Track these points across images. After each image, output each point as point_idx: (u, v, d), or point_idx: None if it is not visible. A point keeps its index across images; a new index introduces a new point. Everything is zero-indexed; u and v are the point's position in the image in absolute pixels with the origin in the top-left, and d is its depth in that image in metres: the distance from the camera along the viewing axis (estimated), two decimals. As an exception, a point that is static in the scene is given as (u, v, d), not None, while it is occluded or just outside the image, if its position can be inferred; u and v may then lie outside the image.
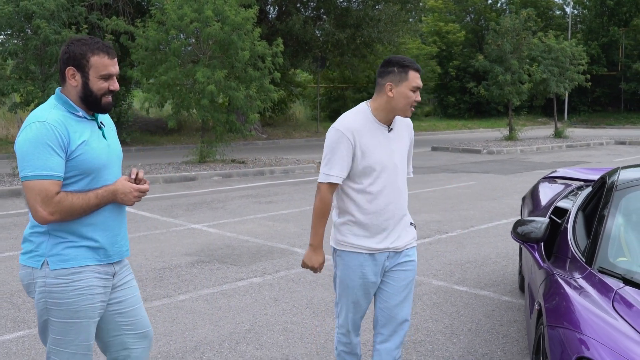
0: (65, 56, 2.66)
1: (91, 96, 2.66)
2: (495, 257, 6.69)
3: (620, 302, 2.77)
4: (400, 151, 3.21)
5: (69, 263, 2.63)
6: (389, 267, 3.23)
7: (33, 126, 2.56)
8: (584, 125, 33.25)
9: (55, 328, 2.66)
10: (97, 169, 2.66)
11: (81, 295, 2.64)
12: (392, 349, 3.26)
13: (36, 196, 2.53)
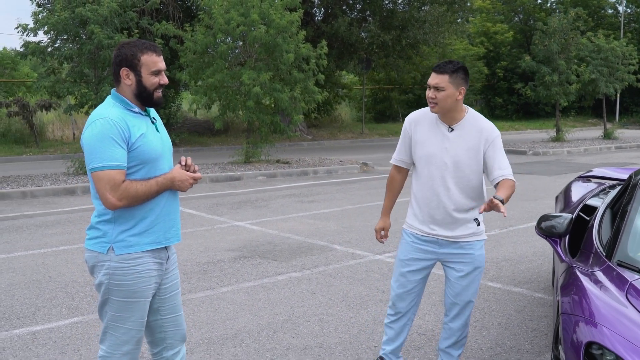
0: (117, 59, 2.93)
1: (145, 92, 2.93)
2: (531, 255, 6.77)
3: (633, 293, 2.88)
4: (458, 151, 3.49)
5: (131, 249, 2.89)
6: (446, 255, 3.60)
7: (97, 123, 2.83)
8: (636, 127, 32.51)
9: (115, 306, 2.93)
10: (154, 159, 2.92)
11: (140, 277, 2.92)
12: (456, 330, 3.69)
13: (105, 185, 2.79)
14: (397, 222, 8.96)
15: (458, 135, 3.50)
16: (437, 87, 3.42)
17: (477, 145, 3.49)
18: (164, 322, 3.12)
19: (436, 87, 3.42)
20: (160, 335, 3.13)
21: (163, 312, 3.10)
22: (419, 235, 3.64)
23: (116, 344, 2.97)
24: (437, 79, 3.41)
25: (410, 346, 4.39)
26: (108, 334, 2.99)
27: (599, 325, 2.68)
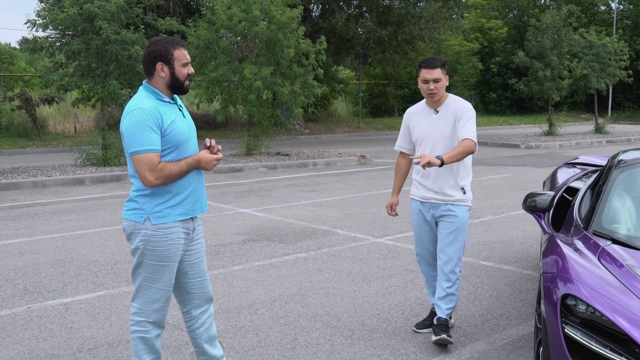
0: (152, 55, 3.30)
1: (177, 82, 3.33)
2: (521, 238, 7.24)
3: (605, 255, 3.35)
4: (441, 127, 4.21)
5: (165, 219, 3.30)
6: (439, 216, 4.30)
7: (135, 112, 3.21)
8: (628, 122, 33.05)
9: (148, 268, 3.35)
10: (183, 142, 3.32)
11: (171, 244, 3.33)
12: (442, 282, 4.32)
13: (144, 166, 3.18)
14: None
15: (442, 115, 4.25)
16: (436, 80, 4.15)
17: (455, 120, 4.21)
18: (192, 284, 3.54)
19: (434, 80, 4.15)
20: (188, 296, 3.56)
21: (191, 275, 3.52)
22: (420, 201, 4.40)
23: (148, 302, 3.39)
24: (435, 73, 4.16)
25: (410, 314, 4.84)
26: (140, 292, 3.40)
27: (575, 280, 3.14)
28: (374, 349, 4.19)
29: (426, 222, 4.42)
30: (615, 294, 3.03)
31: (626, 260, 3.31)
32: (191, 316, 3.61)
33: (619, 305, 2.95)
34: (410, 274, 5.91)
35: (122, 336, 4.43)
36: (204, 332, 3.62)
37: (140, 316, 3.40)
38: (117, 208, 9.40)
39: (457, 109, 4.23)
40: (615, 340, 2.83)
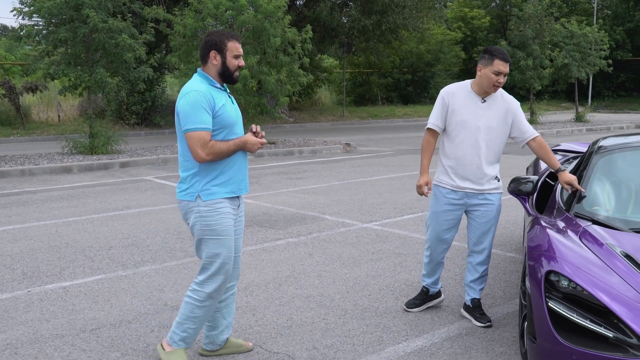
0: (208, 44, 3.60)
1: (227, 71, 3.61)
2: (505, 223, 7.46)
3: (586, 235, 3.57)
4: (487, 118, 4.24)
5: (214, 196, 3.56)
6: (473, 205, 4.33)
7: (191, 94, 3.49)
8: (608, 110, 33.54)
9: (210, 244, 3.59)
10: (231, 124, 3.60)
11: (223, 218, 3.59)
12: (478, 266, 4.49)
13: (197, 142, 3.46)
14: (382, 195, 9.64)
15: (489, 106, 4.27)
16: (506, 74, 4.20)
17: (505, 114, 4.27)
18: None
19: (505, 74, 4.20)
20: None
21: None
22: (451, 189, 4.36)
23: (210, 275, 3.64)
24: (508, 67, 4.20)
25: (400, 294, 5.04)
26: (206, 268, 3.65)
27: (558, 258, 3.35)
28: (366, 327, 4.38)
29: (454, 212, 4.40)
30: (596, 270, 3.24)
31: (606, 240, 3.53)
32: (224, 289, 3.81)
33: (599, 280, 3.16)
34: (398, 257, 6.11)
35: (123, 317, 4.58)
36: (225, 307, 3.87)
37: (200, 286, 3.66)
38: (107, 195, 9.50)
39: (507, 103, 4.29)
40: (595, 312, 3.04)
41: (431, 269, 4.63)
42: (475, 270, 4.51)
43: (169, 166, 13.00)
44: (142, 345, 4.09)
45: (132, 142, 16.37)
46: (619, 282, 3.15)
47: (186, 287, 5.22)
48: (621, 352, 2.87)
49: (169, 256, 6.18)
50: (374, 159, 14.03)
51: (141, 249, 6.45)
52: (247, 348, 3.99)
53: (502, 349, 4.03)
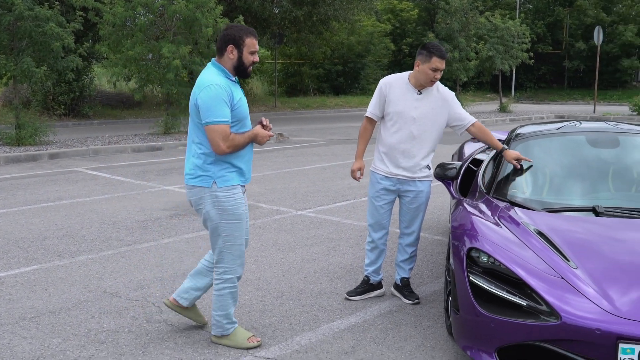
0: (226, 37, 3.72)
1: (242, 66, 3.75)
2: (432, 209, 7.81)
3: (503, 215, 3.88)
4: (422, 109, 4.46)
5: (229, 182, 3.74)
6: (405, 191, 4.57)
7: (211, 87, 3.60)
8: (530, 101, 34.89)
9: (227, 228, 3.76)
10: (245, 117, 3.78)
11: (238, 202, 3.77)
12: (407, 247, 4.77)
13: (219, 135, 3.60)
14: (315, 184, 9.84)
15: (425, 97, 4.49)
16: (442, 70, 4.42)
17: (440, 106, 4.50)
18: None
19: (442, 70, 4.41)
20: None
21: None
22: (385, 175, 4.59)
23: (233, 259, 3.83)
24: (444, 64, 4.42)
25: (334, 276, 5.28)
26: (224, 253, 3.81)
27: (478, 235, 3.64)
28: (302, 307, 4.59)
29: (387, 197, 4.61)
30: (512, 247, 3.55)
31: (522, 219, 3.85)
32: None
33: (515, 256, 3.46)
34: (331, 242, 6.35)
35: (62, 305, 4.63)
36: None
37: (229, 274, 3.84)
38: (37, 187, 9.36)
39: (442, 95, 4.53)
40: (511, 284, 3.35)
41: (374, 256, 4.79)
42: (405, 251, 4.78)
43: (100, 157, 12.84)
44: (83, 330, 4.17)
45: (61, 133, 16.02)
46: (532, 257, 3.47)
47: (125, 275, 5.30)
48: (533, 318, 3.18)
49: (106, 245, 6.21)
50: (307, 148, 14.26)
51: (76, 239, 6.45)
52: (204, 322, 4.21)
53: (429, 323, 4.31)
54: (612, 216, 3.90)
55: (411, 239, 4.73)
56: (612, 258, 3.46)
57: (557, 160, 4.61)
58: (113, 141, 14.36)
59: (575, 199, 4.21)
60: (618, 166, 4.53)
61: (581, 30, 36.05)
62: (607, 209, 3.94)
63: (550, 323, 3.11)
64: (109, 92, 25.01)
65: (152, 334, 4.12)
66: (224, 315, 3.90)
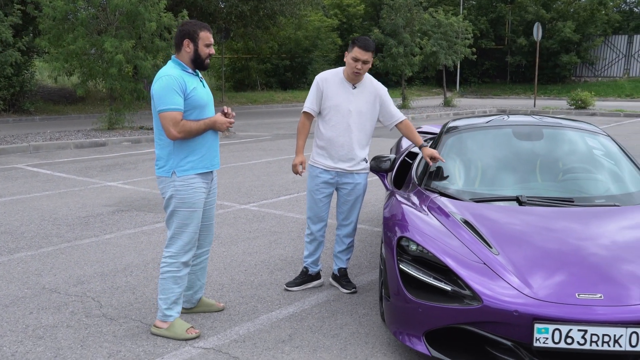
0: (182, 33, 3.97)
1: (199, 58, 3.98)
2: (374, 201, 8.00)
3: (432, 205, 4.06)
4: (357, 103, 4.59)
5: (188, 172, 3.94)
6: (343, 183, 4.70)
7: (164, 78, 3.86)
8: (474, 96, 35.58)
9: (181, 216, 3.96)
10: (202, 106, 3.97)
11: (196, 192, 3.98)
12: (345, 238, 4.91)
13: (169, 121, 3.81)
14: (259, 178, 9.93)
15: (359, 92, 4.63)
16: (365, 62, 4.50)
17: (374, 100, 4.63)
18: (202, 227, 4.20)
19: (364, 62, 4.49)
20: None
21: (203, 219, 4.18)
22: (324, 169, 4.71)
23: (182, 245, 4.01)
24: (367, 55, 4.50)
25: (275, 268, 5.39)
26: (175, 238, 4.02)
27: (408, 225, 3.80)
28: (242, 299, 4.69)
29: (326, 190, 4.73)
30: (440, 236, 3.72)
31: (449, 209, 4.03)
32: (199, 253, 4.27)
33: (442, 244, 3.64)
34: (273, 235, 6.45)
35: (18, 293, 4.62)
36: (199, 270, 4.27)
37: (173, 258, 4.03)
38: (-25, 184, 9.17)
39: (376, 89, 4.67)
40: (437, 271, 3.51)
41: (313, 248, 4.90)
42: (342, 242, 4.92)
43: (41, 153, 12.61)
44: (20, 326, 4.17)
45: (0, 130, 15.65)
46: (458, 245, 3.65)
47: (64, 271, 5.29)
48: (458, 302, 3.36)
49: (46, 242, 6.17)
50: (253, 143, 14.30)
51: (15, 236, 6.38)
52: (218, 308, 4.41)
53: (365, 310, 4.47)
54: (535, 205, 4.11)
55: (348, 230, 4.87)
56: (533, 245, 3.66)
57: (486, 152, 4.82)
58: (55, 137, 14.10)
59: (502, 190, 4.42)
60: (543, 158, 4.76)
61: (522, 27, 36.89)
62: (529, 199, 4.16)
63: (473, 307, 3.29)
64: (51, 87, 24.47)
65: (91, 328, 4.15)
66: (164, 299, 4.05)
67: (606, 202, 4.21)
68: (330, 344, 3.92)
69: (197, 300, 4.36)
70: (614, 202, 4.22)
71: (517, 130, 4.97)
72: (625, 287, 3.31)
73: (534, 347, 3.18)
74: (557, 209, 4.08)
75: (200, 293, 4.36)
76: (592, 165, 4.72)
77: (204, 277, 4.37)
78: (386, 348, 3.85)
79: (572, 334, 3.12)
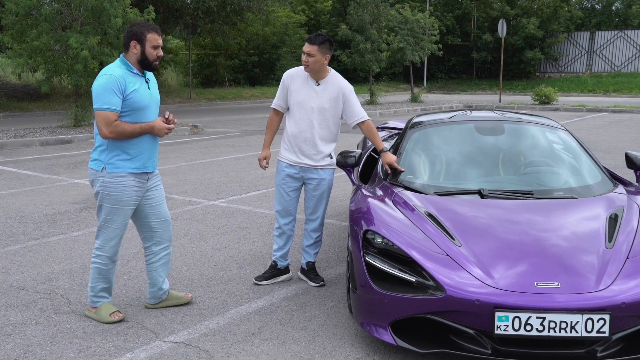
0: (129, 34, 3.99)
1: (146, 60, 4.02)
2: (341, 196, 8.10)
3: (397, 199, 4.16)
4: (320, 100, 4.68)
5: (118, 170, 3.99)
6: (309, 178, 4.79)
7: (104, 77, 3.89)
8: (441, 91, 35.97)
9: (106, 210, 4.06)
10: (141, 108, 4.00)
11: (124, 191, 4.02)
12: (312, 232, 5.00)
13: (102, 120, 3.87)
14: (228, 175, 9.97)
15: (322, 89, 4.71)
16: (309, 54, 4.58)
17: (337, 97, 4.70)
18: (155, 224, 4.28)
19: (308, 54, 4.58)
20: (151, 233, 4.31)
21: (153, 216, 4.25)
22: (289, 163, 4.80)
23: (106, 239, 4.13)
24: (309, 48, 4.59)
25: (244, 263, 5.44)
26: (101, 231, 4.15)
27: (374, 218, 3.89)
28: (212, 293, 4.74)
29: (292, 184, 4.81)
30: (405, 229, 3.82)
31: (413, 202, 4.14)
32: (152, 252, 4.35)
33: (407, 237, 3.73)
34: (242, 230, 6.50)
35: (-34, 300, 4.59)
36: (160, 266, 4.33)
37: (100, 251, 4.16)
38: (-63, 183, 9.02)
39: (339, 87, 4.72)
40: (402, 262, 3.61)
41: (282, 242, 4.96)
42: (310, 237, 5.00)
43: (5, 151, 12.44)
44: (-11, 324, 4.16)
45: (-38, 127, 15.39)
46: (422, 237, 3.75)
47: (32, 268, 5.28)
48: (422, 293, 3.46)
49: (12, 240, 6.13)
50: (221, 140, 14.29)
51: (-19, 234, 6.32)
52: (187, 299, 4.48)
53: (333, 303, 4.55)
54: (496, 198, 4.24)
55: (315, 224, 4.95)
56: (495, 236, 3.78)
57: (449, 146, 4.94)
58: (19, 134, 13.91)
59: (465, 183, 4.54)
60: (505, 152, 4.89)
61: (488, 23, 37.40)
62: (491, 192, 4.28)
63: (436, 297, 3.39)
64: (14, 84, 24.07)
65: (60, 324, 4.16)
66: (90, 287, 4.23)
67: (565, 195, 4.36)
68: (299, 336, 4.00)
69: (161, 296, 4.41)
70: (572, 194, 4.36)
71: (480, 125, 5.10)
72: (582, 275, 3.44)
73: (495, 335, 3.29)
74: (518, 201, 4.21)
75: (165, 287, 4.40)
76: (551, 159, 4.87)
77: (165, 273, 4.41)
78: (354, 339, 3.94)
79: (531, 321, 3.24)
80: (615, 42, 36.15)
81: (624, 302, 3.27)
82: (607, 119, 19.24)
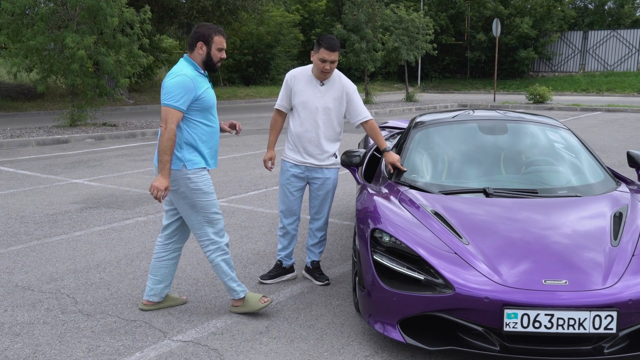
0: (197, 34, 4.10)
1: (210, 61, 4.14)
2: (342, 195, 8.12)
3: (403, 198, 4.19)
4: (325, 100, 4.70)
5: (196, 165, 4.09)
6: (313, 178, 4.82)
7: (180, 76, 3.98)
8: (435, 91, 36.06)
9: (204, 204, 4.12)
10: (211, 107, 4.15)
11: (207, 179, 4.16)
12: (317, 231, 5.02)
13: (168, 116, 3.93)
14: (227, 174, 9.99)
15: (327, 89, 4.73)
16: (333, 62, 4.61)
17: (341, 96, 4.71)
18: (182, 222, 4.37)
19: (332, 62, 4.60)
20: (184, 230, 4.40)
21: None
22: (294, 163, 4.82)
23: (218, 229, 4.20)
24: (333, 56, 4.60)
25: (247, 262, 5.46)
26: (206, 226, 4.16)
27: (381, 217, 3.92)
28: (217, 293, 4.75)
29: (297, 184, 4.83)
30: (412, 227, 3.85)
31: (420, 201, 4.17)
32: (171, 248, 4.40)
33: (414, 235, 3.76)
34: (244, 229, 6.52)
35: (-28, 300, 4.59)
36: (173, 264, 4.42)
37: (216, 244, 4.20)
38: (-64, 183, 8.99)
39: (343, 87, 4.74)
40: (410, 261, 3.64)
41: (286, 241, 4.99)
42: (314, 236, 5.02)
43: (1, 151, 12.41)
44: (-4, 324, 4.17)
45: (-43, 127, 15.33)
46: (429, 235, 3.78)
47: (36, 268, 5.28)
48: (431, 291, 3.49)
49: (14, 240, 6.13)
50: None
51: (-18, 234, 6.32)
52: (182, 301, 4.52)
53: (338, 301, 4.58)
54: (501, 197, 4.28)
55: (320, 223, 4.97)
56: (501, 234, 3.82)
57: (452, 146, 4.97)
58: (15, 134, 13.87)
59: (469, 182, 4.57)
60: (507, 151, 4.93)
61: (481, 22, 37.51)
62: (496, 190, 4.32)
63: (445, 294, 3.42)
64: (10, 84, 23.99)
65: (68, 324, 4.17)
66: (230, 279, 4.27)
67: (568, 193, 4.40)
68: (307, 334, 4.02)
69: (165, 295, 4.43)
70: (575, 193, 4.40)
71: (483, 124, 5.14)
72: (587, 273, 3.48)
73: (504, 332, 3.32)
74: (523, 200, 4.24)
75: (168, 288, 4.44)
76: (553, 158, 4.91)
77: (174, 273, 4.46)
78: (361, 337, 3.97)
79: (539, 318, 3.28)
80: (608, 42, 36.32)
81: (631, 299, 3.31)
82: (601, 118, 19.35)
